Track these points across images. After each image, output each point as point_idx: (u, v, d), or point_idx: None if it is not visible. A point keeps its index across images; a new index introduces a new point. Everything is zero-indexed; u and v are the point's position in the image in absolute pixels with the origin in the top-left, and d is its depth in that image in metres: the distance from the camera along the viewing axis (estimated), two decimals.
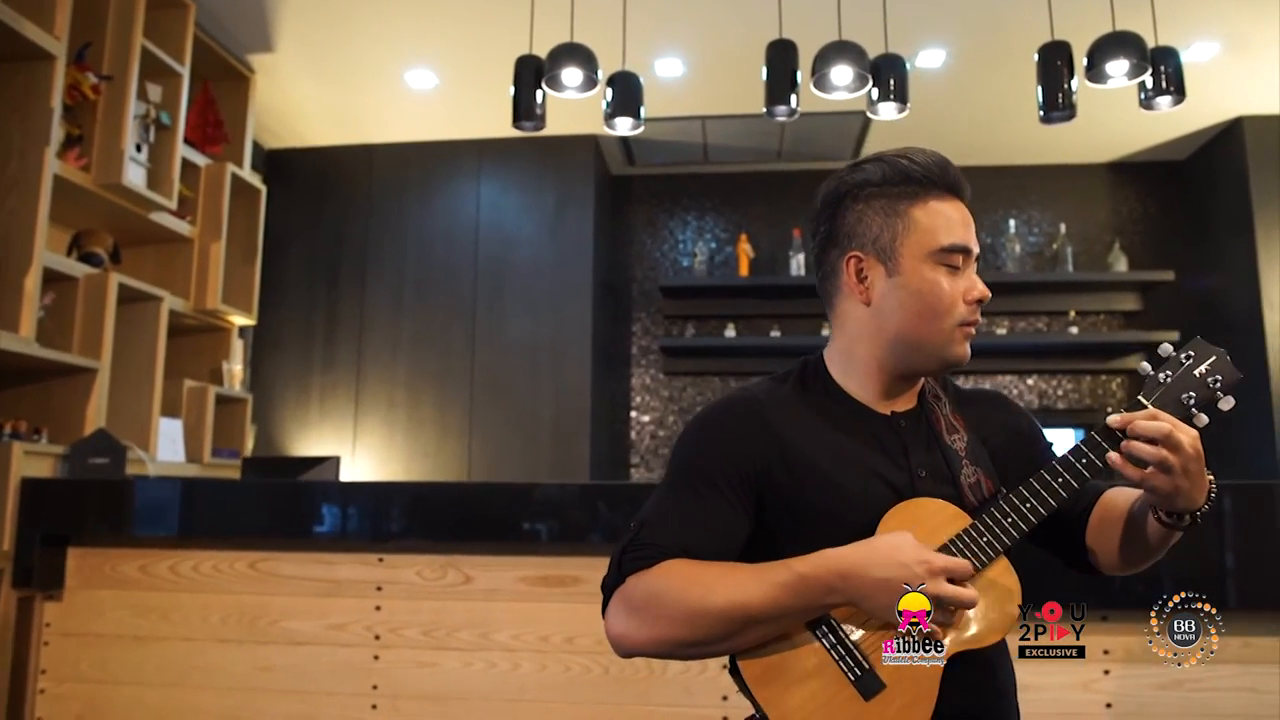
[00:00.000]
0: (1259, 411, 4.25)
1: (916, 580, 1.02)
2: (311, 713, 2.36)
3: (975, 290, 1.17)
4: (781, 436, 1.17)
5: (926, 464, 1.17)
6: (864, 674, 1.09)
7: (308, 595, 2.41)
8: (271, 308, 4.70)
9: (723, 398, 1.24)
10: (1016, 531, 1.09)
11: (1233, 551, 2.21)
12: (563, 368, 4.38)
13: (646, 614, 1.09)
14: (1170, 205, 4.91)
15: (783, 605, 1.06)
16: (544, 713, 2.29)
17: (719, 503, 1.14)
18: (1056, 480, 1.09)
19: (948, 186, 1.20)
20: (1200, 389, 1.08)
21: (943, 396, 1.24)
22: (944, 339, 1.16)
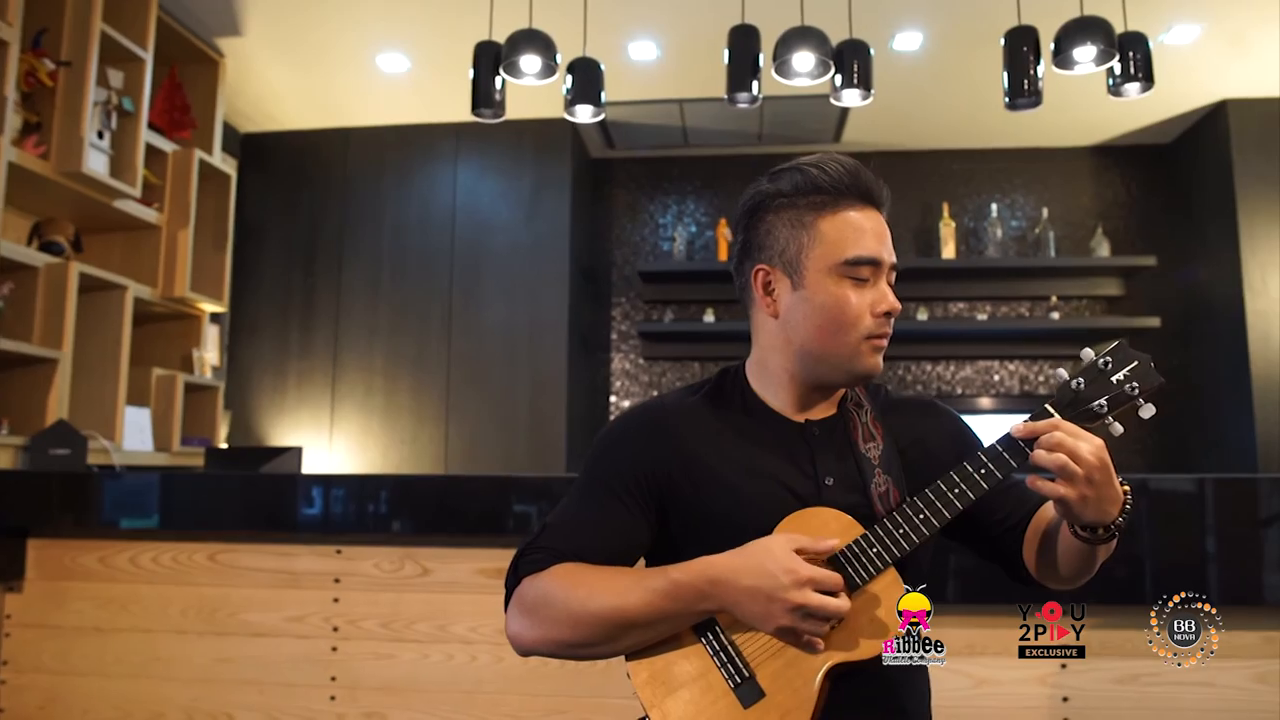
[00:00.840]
0: (1239, 398, 4.23)
1: (782, 590, 1.01)
2: (271, 703, 2.36)
3: (883, 303, 1.15)
4: (685, 446, 1.17)
5: (836, 472, 1.16)
6: (744, 682, 1.09)
7: (267, 587, 2.41)
8: (248, 293, 4.67)
9: (632, 407, 1.28)
10: (907, 543, 1.07)
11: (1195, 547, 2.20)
12: (539, 354, 4.36)
13: (536, 615, 1.12)
14: (1154, 189, 4.87)
15: (659, 610, 1.08)
16: (501, 704, 2.29)
17: (617, 509, 1.16)
18: (952, 491, 1.07)
19: (860, 196, 1.16)
20: (1115, 396, 1.05)
21: (865, 404, 1.22)
22: (850, 352, 1.15)
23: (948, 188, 4.89)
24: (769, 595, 1.02)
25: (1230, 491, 2.24)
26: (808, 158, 1.19)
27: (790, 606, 1.01)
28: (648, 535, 1.17)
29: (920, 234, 4.93)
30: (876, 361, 1.16)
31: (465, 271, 4.53)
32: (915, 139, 4.85)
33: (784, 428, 1.19)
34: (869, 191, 1.17)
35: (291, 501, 2.50)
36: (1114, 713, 2.16)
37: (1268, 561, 2.18)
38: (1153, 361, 1.08)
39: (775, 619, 1.03)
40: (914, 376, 4.94)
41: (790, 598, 1.01)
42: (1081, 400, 1.05)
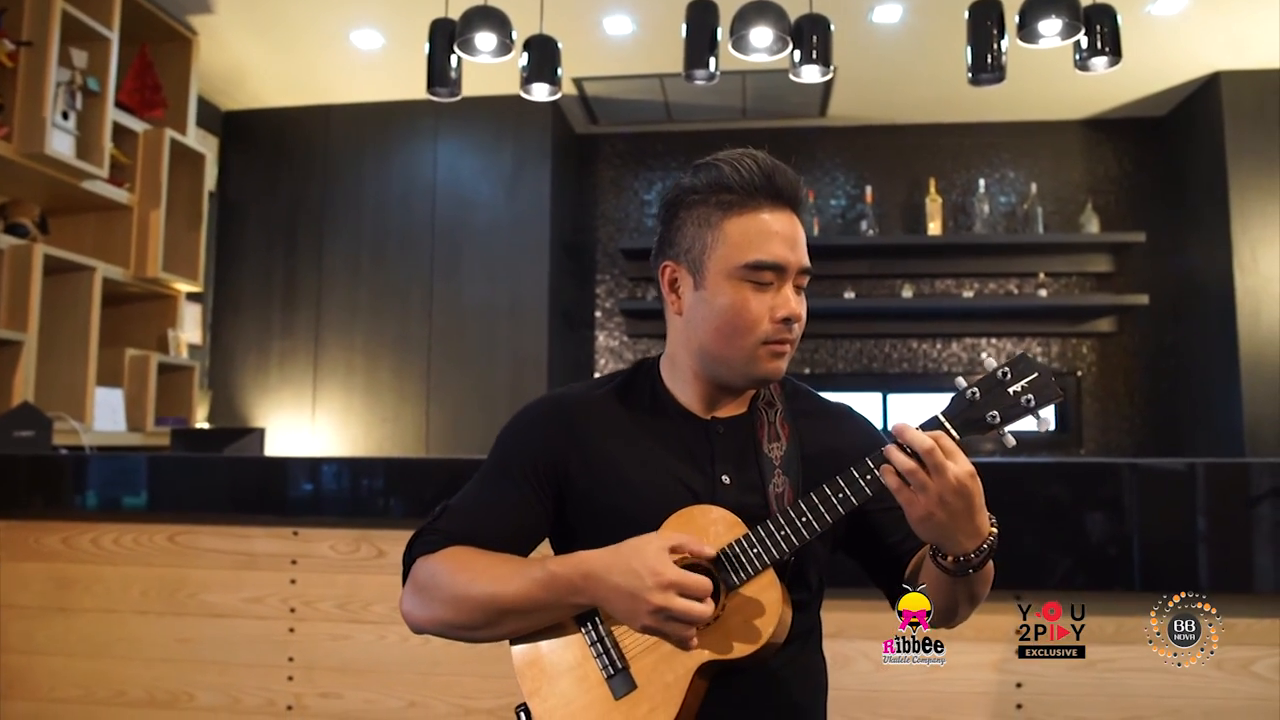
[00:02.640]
0: (1228, 377, 4.17)
1: (645, 591, 1.01)
2: (230, 683, 2.38)
3: (783, 309, 1.12)
4: (584, 437, 1.18)
5: (736, 472, 1.15)
6: (617, 674, 1.09)
7: (225, 568, 2.43)
8: (231, 272, 4.67)
9: (539, 397, 1.26)
10: (787, 546, 1.05)
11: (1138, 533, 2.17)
12: (520, 331, 4.35)
13: (425, 595, 1.14)
14: (1146, 164, 4.79)
15: (535, 600, 1.08)
16: (456, 685, 2.30)
17: (512, 496, 1.17)
18: (836, 496, 1.05)
19: (772, 197, 1.14)
20: (1009, 408, 1.02)
21: (777, 404, 1.21)
22: (746, 356, 1.13)
23: (935, 163, 4.82)
24: (633, 594, 1.02)
25: (1218, 476, 2.22)
26: (727, 154, 1.17)
27: (652, 608, 1.01)
28: (544, 522, 1.18)
29: (907, 210, 4.87)
30: (776, 366, 1.14)
31: (446, 249, 4.52)
32: (901, 113, 4.77)
33: (689, 425, 1.19)
34: (782, 193, 1.14)
35: (250, 484, 2.51)
36: (1067, 699, 2.15)
37: (1258, 545, 2.16)
38: (1054, 375, 1.07)
39: (640, 618, 1.03)
40: (900, 354, 4.90)
41: (652, 600, 1.00)
42: (975, 410, 1.02)
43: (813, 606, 1.19)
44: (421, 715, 2.30)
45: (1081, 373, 4.75)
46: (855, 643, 2.22)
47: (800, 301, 1.15)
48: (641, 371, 1.26)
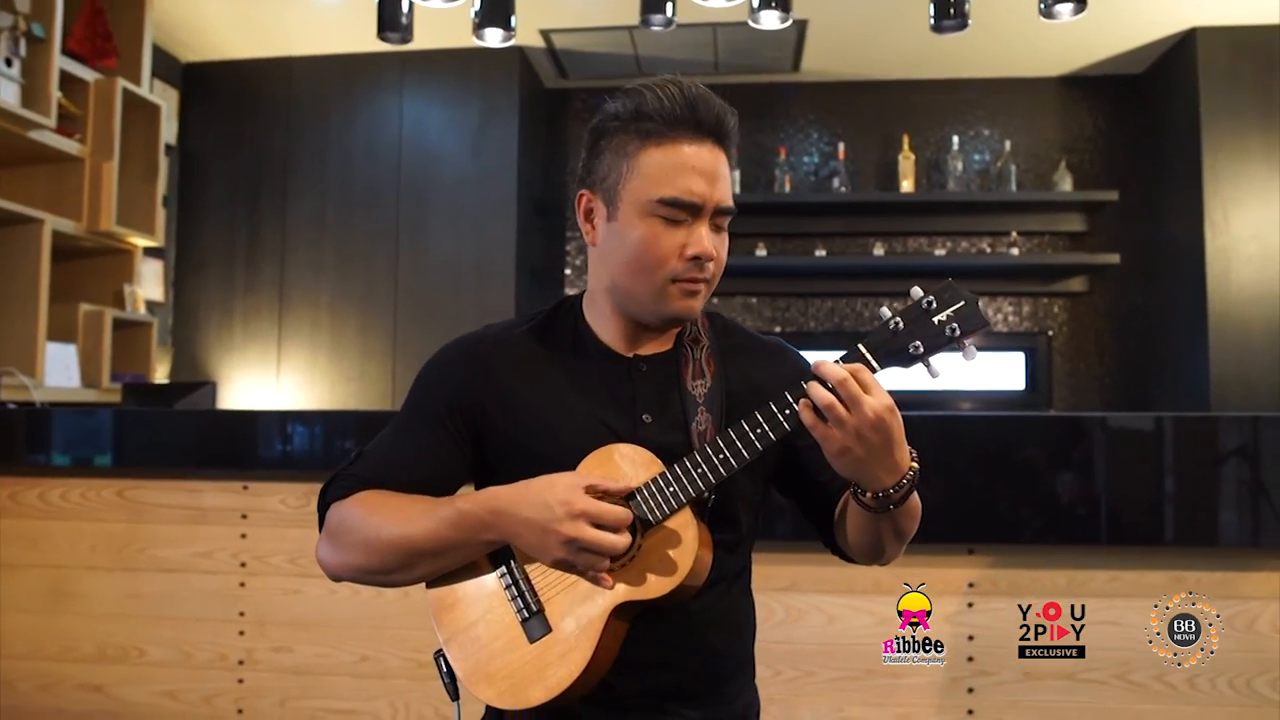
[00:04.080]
0: (1195, 336, 4.17)
1: (556, 522, 0.99)
2: (181, 638, 2.37)
3: (695, 247, 1.07)
4: (499, 377, 1.15)
5: (658, 410, 1.13)
6: (532, 616, 1.07)
7: (175, 523, 2.40)
8: (193, 228, 4.60)
9: (456, 337, 1.23)
10: (704, 483, 1.03)
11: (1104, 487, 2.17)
12: (486, 288, 4.31)
13: (337, 541, 1.12)
14: (1122, 122, 4.75)
15: (445, 540, 1.07)
16: (407, 639, 2.29)
17: (426, 439, 1.15)
18: (755, 431, 1.02)
19: (694, 128, 1.08)
20: (933, 338, 0.98)
21: (704, 340, 1.18)
22: (655, 293, 1.10)
23: (909, 120, 4.76)
24: (543, 527, 1.00)
25: (1183, 431, 2.21)
26: (654, 79, 1.11)
27: (563, 539, 0.99)
28: (461, 465, 1.16)
29: (880, 167, 4.82)
30: (687, 305, 1.10)
31: (412, 205, 4.45)
32: (876, 68, 4.70)
33: (610, 363, 1.16)
34: (704, 124, 1.08)
35: (200, 438, 2.47)
36: (1019, 649, 2.15)
37: (1224, 499, 2.16)
38: (980, 302, 1.01)
39: (551, 552, 1.01)
40: (871, 313, 4.88)
41: (563, 530, 0.98)
42: (897, 340, 0.99)
43: (741, 549, 1.17)
44: (374, 669, 2.29)
45: (1052, 332, 4.75)
46: (809, 596, 2.22)
47: (721, 241, 1.11)
48: (563, 309, 1.22)
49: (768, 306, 4.86)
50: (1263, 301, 4.08)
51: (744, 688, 1.17)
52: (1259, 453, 2.14)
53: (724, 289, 1.14)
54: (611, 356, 1.16)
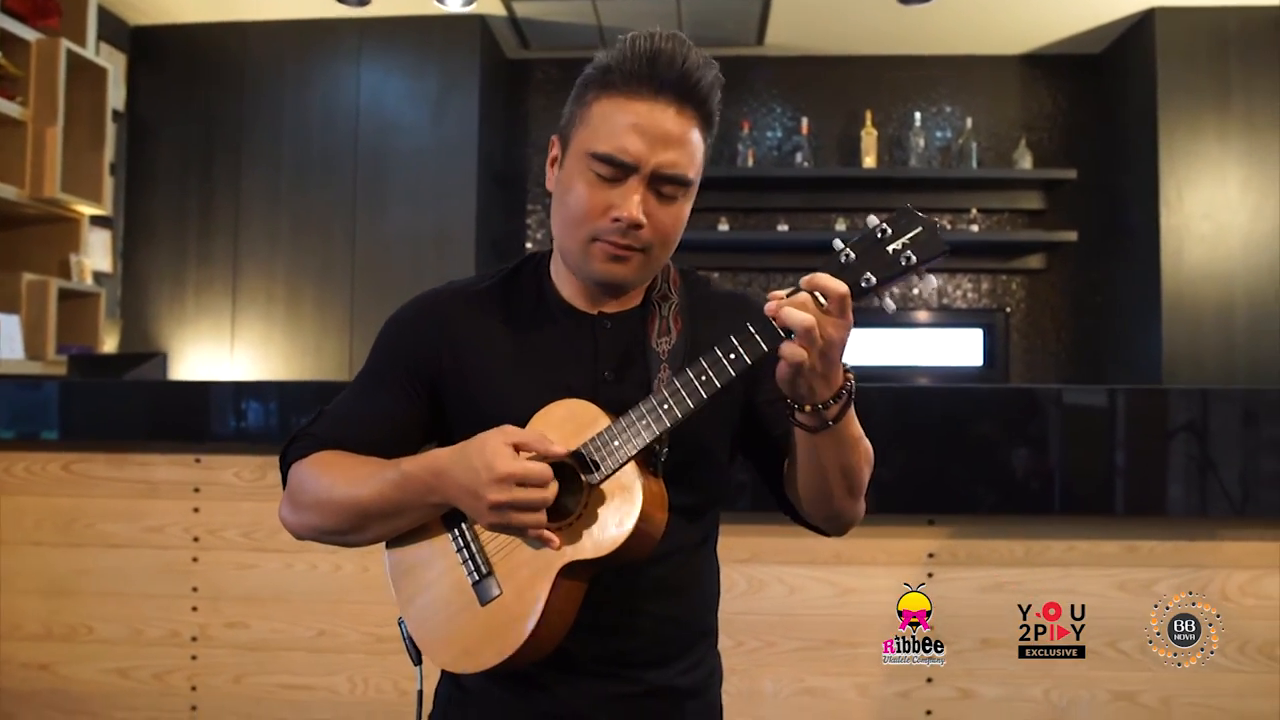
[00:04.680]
0: (1149, 313, 4.24)
1: (481, 486, 0.96)
2: (132, 615, 2.31)
3: (618, 208, 1.02)
4: (457, 334, 1.13)
5: (620, 368, 1.10)
6: (483, 579, 1.05)
7: (124, 497, 2.34)
8: (142, 197, 4.47)
9: (417, 294, 1.20)
10: (648, 435, 0.98)
11: (1059, 458, 2.20)
12: (447, 262, 4.24)
13: (296, 502, 1.12)
14: (1081, 101, 4.79)
15: (393, 502, 1.05)
16: (366, 613, 2.26)
17: (383, 398, 1.14)
18: (699, 379, 0.97)
19: (653, 85, 1.02)
20: (886, 269, 0.93)
21: (672, 296, 1.14)
22: (579, 251, 1.06)
23: (872, 96, 4.77)
24: (472, 491, 0.97)
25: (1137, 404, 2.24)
26: (641, 30, 1.06)
27: (489, 503, 0.96)
28: (418, 425, 1.14)
29: (842, 143, 4.82)
30: (611, 270, 1.05)
31: (370, 175, 4.37)
32: (840, 44, 4.70)
33: (573, 321, 1.12)
34: (665, 82, 1.01)
35: (150, 410, 2.41)
36: (977, 619, 2.18)
37: (1172, 472, 2.19)
38: (939, 227, 0.95)
39: (483, 516, 0.98)
40: None
41: (489, 495, 0.95)
42: (849, 275, 0.93)
43: (705, 514, 1.14)
44: (332, 644, 2.26)
45: (1010, 309, 4.80)
46: (770, 567, 2.22)
47: (667, 211, 1.04)
48: (528, 266, 1.19)
49: (729, 281, 4.85)
50: (1214, 280, 4.16)
51: (705, 655, 1.15)
52: (1208, 426, 2.18)
53: (685, 263, 1.13)
54: (574, 314, 1.13)
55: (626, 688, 1.08)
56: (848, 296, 0.91)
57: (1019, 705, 2.16)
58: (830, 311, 0.91)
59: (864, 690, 2.20)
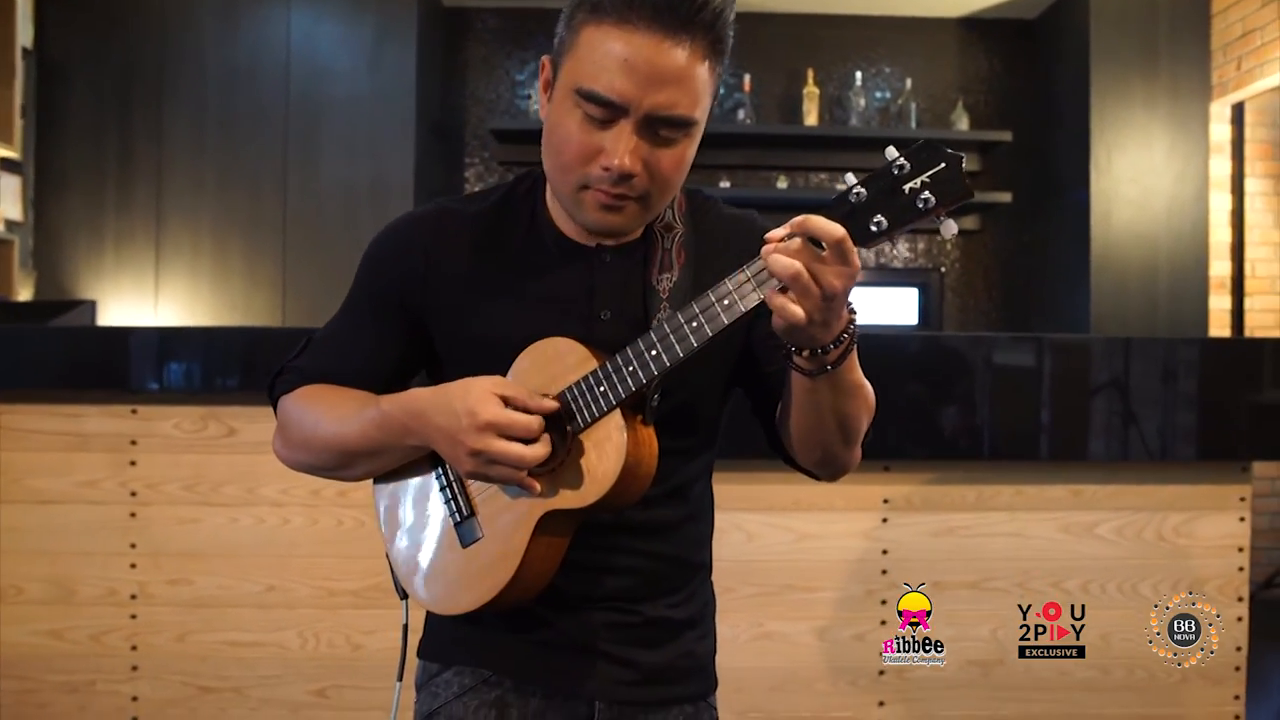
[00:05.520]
0: (1078, 275, 4.37)
1: (461, 433, 0.91)
2: (65, 574, 2.21)
3: (606, 155, 0.92)
4: (443, 261, 1.05)
5: (617, 306, 1.02)
6: (464, 520, 1.02)
7: (54, 450, 2.22)
8: (54, 142, 4.21)
9: (403, 214, 1.12)
10: (634, 381, 0.91)
11: (1002, 403, 2.25)
12: (383, 214, 4.02)
13: (284, 436, 1.10)
14: (1016, 65, 4.88)
15: (374, 441, 1.02)
16: (316, 567, 2.20)
17: (366, 328, 1.09)
18: (691, 324, 0.89)
19: (647, 11, 0.88)
20: (901, 211, 0.82)
21: (678, 227, 1.04)
22: (570, 195, 0.97)
23: (814, 54, 4.77)
24: (451, 437, 0.93)
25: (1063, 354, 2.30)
26: None
27: (468, 451, 0.91)
28: (407, 356, 1.10)
29: (784, 101, 4.83)
30: (603, 219, 0.96)
31: (301, 123, 4.20)
32: (782, 1, 4.68)
33: (570, 251, 1.04)
34: (659, 11, 0.88)
35: (81, 358, 2.28)
36: (930, 563, 2.23)
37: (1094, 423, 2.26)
38: (963, 163, 0.84)
39: (461, 463, 0.94)
40: None
41: (468, 442, 0.91)
42: (858, 218, 0.82)
43: (700, 456, 1.09)
44: (281, 599, 2.20)
45: (945, 269, 4.90)
46: (729, 514, 2.22)
47: (665, 155, 0.93)
48: (521, 188, 1.09)
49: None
50: (1139, 243, 4.31)
51: (699, 588, 1.12)
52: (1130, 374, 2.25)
53: None
54: (571, 247, 1.04)
55: (623, 618, 1.06)
56: (846, 240, 0.81)
57: (968, 645, 2.23)
58: (829, 259, 0.81)
59: (821, 634, 2.23)
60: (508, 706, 1.06)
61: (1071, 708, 2.20)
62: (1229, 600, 2.24)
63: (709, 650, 1.14)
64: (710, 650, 1.14)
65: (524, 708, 1.06)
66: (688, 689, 1.10)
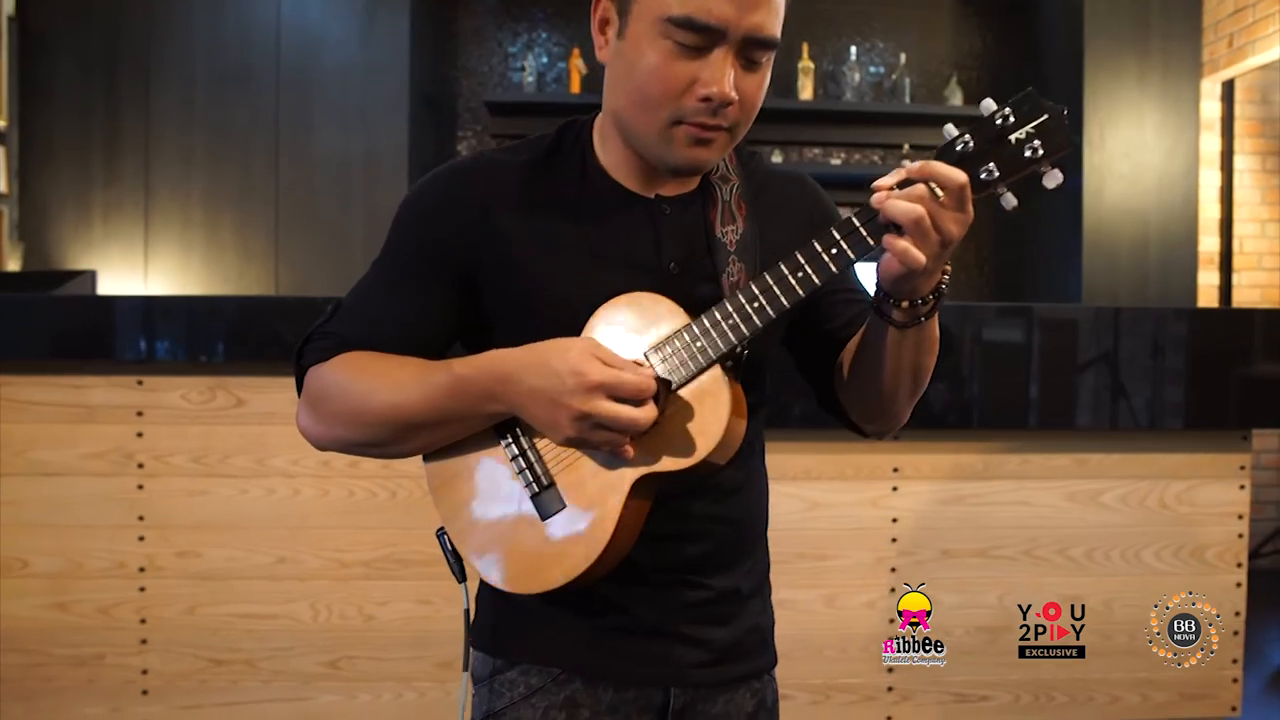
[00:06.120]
0: (1069, 250, 4.41)
1: (567, 394, 0.86)
2: (70, 547, 2.18)
3: (706, 84, 0.88)
4: (497, 213, 0.98)
5: (685, 258, 0.98)
6: (543, 491, 0.95)
7: (57, 422, 2.20)
8: (39, 112, 4.13)
9: (443, 165, 1.04)
10: (735, 336, 0.89)
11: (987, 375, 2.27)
12: (377, 186, 4.08)
13: (320, 411, 0.99)
14: (1009, 41, 4.89)
15: (442, 410, 0.94)
16: (327, 538, 2.19)
17: (411, 288, 1.00)
18: (796, 275, 0.88)
19: None
20: (1011, 160, 0.84)
21: (732, 178, 1.02)
22: (657, 136, 0.92)
23: (808, 28, 4.75)
24: (553, 400, 0.87)
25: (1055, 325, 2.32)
26: None
27: (575, 415, 0.86)
28: (452, 318, 1.01)
29: (779, 75, 4.80)
30: (696, 155, 0.93)
31: (293, 93, 4.13)
32: None
33: (629, 203, 1.00)
34: None
35: (85, 328, 2.25)
36: (938, 530, 2.26)
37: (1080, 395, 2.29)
38: (1065, 115, 0.85)
39: (562, 428, 0.88)
40: None
41: (574, 404, 0.85)
42: (967, 164, 0.84)
43: (761, 413, 1.08)
44: (292, 570, 2.19)
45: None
46: None
47: (755, 81, 0.92)
48: (568, 137, 1.03)
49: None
50: (1131, 218, 4.34)
51: (761, 555, 1.11)
52: (1134, 345, 2.28)
53: None
54: (629, 195, 1.00)
55: (695, 594, 1.02)
56: (968, 187, 0.83)
57: (976, 611, 2.26)
58: (947, 205, 0.83)
59: (831, 601, 2.26)
60: (578, 706, 1.02)
61: (1075, 671, 2.24)
62: (1229, 566, 2.29)
63: (770, 623, 1.12)
64: (771, 623, 1.12)
65: (595, 705, 1.02)
66: (756, 664, 1.08)
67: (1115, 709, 2.28)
